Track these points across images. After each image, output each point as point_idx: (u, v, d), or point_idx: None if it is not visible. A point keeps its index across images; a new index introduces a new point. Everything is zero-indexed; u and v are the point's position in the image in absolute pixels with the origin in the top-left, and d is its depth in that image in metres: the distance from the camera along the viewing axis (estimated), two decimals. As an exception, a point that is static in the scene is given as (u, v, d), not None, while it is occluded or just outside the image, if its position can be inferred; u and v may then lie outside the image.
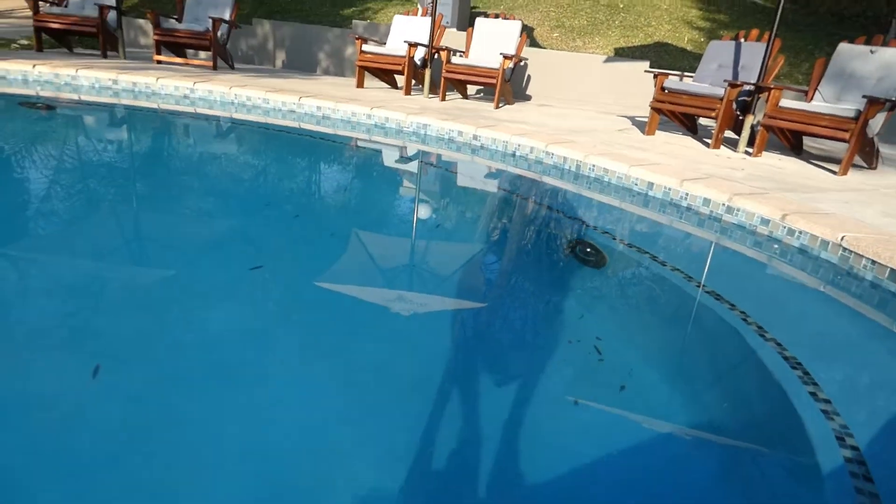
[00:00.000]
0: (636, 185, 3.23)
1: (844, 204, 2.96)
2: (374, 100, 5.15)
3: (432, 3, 5.93)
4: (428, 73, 5.91)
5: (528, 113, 5.70)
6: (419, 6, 7.75)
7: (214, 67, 6.21)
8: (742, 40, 5.05)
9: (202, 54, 7.69)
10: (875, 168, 4.39)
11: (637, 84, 6.90)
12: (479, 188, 3.54)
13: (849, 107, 4.14)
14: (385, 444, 1.29)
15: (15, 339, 1.53)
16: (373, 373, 1.55)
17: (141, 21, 8.86)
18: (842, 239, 2.34)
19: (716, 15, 9.50)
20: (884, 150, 5.41)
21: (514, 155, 3.90)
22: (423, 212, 3.09)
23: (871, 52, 4.42)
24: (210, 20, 6.08)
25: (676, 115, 5.02)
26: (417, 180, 3.68)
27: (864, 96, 3.85)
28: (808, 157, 4.74)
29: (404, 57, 5.79)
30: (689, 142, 4.83)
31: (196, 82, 4.76)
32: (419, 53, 6.02)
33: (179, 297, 1.85)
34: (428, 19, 6.13)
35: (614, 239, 2.65)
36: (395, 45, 6.18)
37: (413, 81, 6.13)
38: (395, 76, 6.52)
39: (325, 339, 1.69)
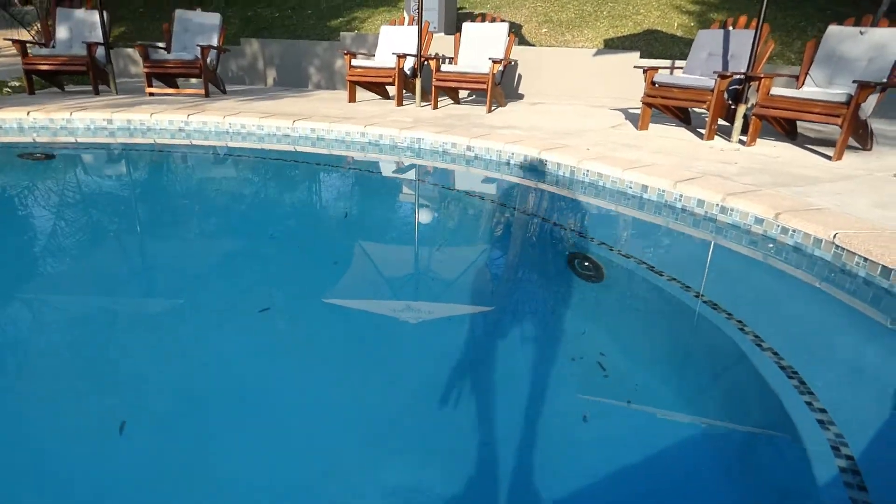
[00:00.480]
0: (630, 188, 3.26)
1: (837, 196, 2.97)
2: (367, 116, 5.19)
3: (418, 9, 5.95)
4: (418, 82, 5.94)
5: (520, 114, 5.71)
6: (405, 14, 7.77)
7: (206, 94, 6.27)
8: (730, 28, 5.04)
9: (193, 81, 7.75)
10: (870, 149, 4.38)
11: (628, 75, 6.89)
12: (476, 203, 3.56)
13: (840, 91, 4.14)
14: (397, 464, 1.38)
15: (39, 385, 1.60)
16: (377, 398, 1.61)
17: (130, 50, 8.94)
18: (834, 237, 2.36)
19: (704, -4, 9.44)
20: (881, 126, 5.38)
21: (508, 164, 3.93)
22: (420, 232, 3.14)
23: (861, 33, 4.41)
24: (198, 48, 6.14)
25: (669, 107, 5.03)
26: (414, 198, 3.72)
27: (854, 81, 3.85)
28: (802, 141, 4.73)
29: (394, 69, 5.82)
30: (682, 133, 4.84)
31: (190, 114, 4.83)
32: (408, 63, 6.05)
33: (195, 331, 1.94)
34: (415, 28, 6.15)
35: (611, 250, 2.68)
36: (383, 58, 6.21)
37: (404, 91, 6.16)
38: (387, 87, 6.55)
39: (336, 359, 1.74)
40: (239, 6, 11.00)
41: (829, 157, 4.06)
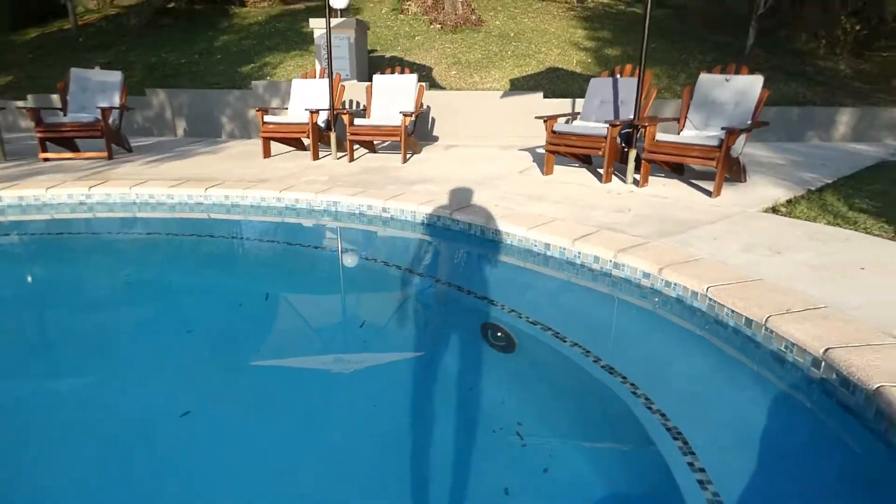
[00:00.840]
0: (535, 246, 3.49)
1: (714, 242, 3.33)
2: (282, 175, 5.19)
3: (328, 60, 6.04)
4: (333, 135, 6.01)
5: (435, 162, 5.92)
6: (317, 62, 7.84)
7: (110, 157, 6.01)
8: (618, 76, 5.50)
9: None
10: (744, 181, 4.92)
11: (534, 113, 7.30)
12: (392, 274, 3.59)
13: (713, 134, 4.64)
14: None
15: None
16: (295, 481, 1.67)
17: (20, 102, 8.39)
18: (707, 290, 2.67)
19: (599, 32, 10.20)
20: (757, 150, 6.04)
21: (423, 224, 4.08)
22: (334, 306, 3.21)
23: (727, 80, 4.96)
24: (99, 110, 5.89)
25: (570, 153, 5.39)
26: (329, 268, 3.78)
27: (722, 128, 4.34)
28: (689, 175, 5.23)
29: (307, 124, 5.86)
30: (584, 177, 5.20)
31: (92, 186, 4.63)
32: (322, 116, 6.11)
33: (110, 420, 1.90)
34: (326, 81, 6.23)
35: (520, 317, 2.87)
36: (296, 113, 6.24)
37: (320, 143, 6.20)
38: (302, 139, 6.57)
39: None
40: (142, 52, 10.64)
41: (710, 193, 4.52)
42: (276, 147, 6.50)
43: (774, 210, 4.10)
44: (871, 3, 9.75)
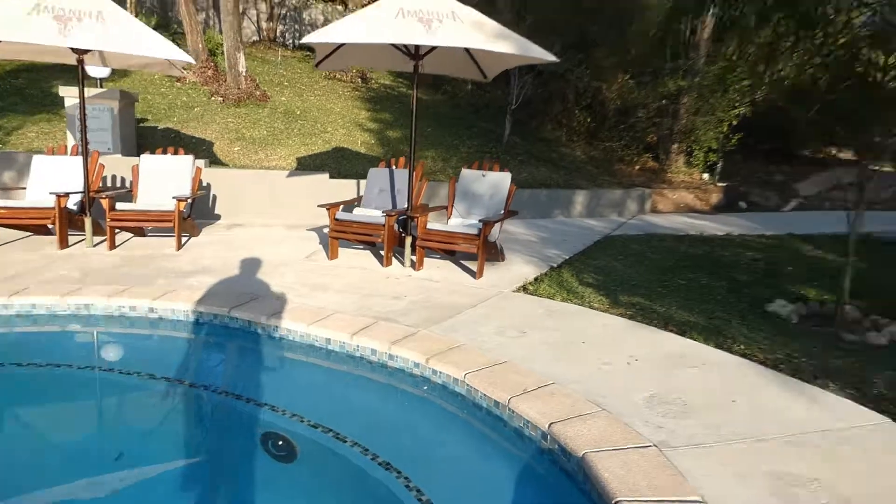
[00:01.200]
0: (316, 342, 3.56)
1: (474, 326, 3.82)
2: (13, 273, 4.38)
3: (82, 132, 5.40)
4: (88, 220, 5.32)
5: (215, 247, 5.64)
6: (68, 133, 6.95)
7: None
8: (394, 167, 6.04)
9: None
10: (503, 260, 5.75)
11: (321, 194, 7.49)
12: (158, 388, 3.23)
13: (473, 222, 5.38)
14: None
15: None
16: None
17: None
18: (465, 376, 3.05)
19: (381, 114, 11.04)
20: (516, 227, 7.10)
21: (197, 324, 3.84)
22: (83, 440, 2.82)
23: (483, 175, 5.83)
24: None
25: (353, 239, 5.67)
26: (79, 391, 3.31)
27: (479, 220, 5.06)
28: (460, 256, 5.89)
29: (53, 209, 5.09)
30: (367, 260, 5.50)
31: None
32: (74, 199, 5.38)
33: None
34: (79, 159, 5.54)
35: (302, 421, 2.88)
36: (37, 196, 5.38)
37: (71, 227, 5.42)
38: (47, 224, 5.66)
39: None
40: None
41: (475, 274, 5.17)
42: (5, 233, 5.46)
43: (525, 289, 4.87)
44: (595, 100, 12.43)
